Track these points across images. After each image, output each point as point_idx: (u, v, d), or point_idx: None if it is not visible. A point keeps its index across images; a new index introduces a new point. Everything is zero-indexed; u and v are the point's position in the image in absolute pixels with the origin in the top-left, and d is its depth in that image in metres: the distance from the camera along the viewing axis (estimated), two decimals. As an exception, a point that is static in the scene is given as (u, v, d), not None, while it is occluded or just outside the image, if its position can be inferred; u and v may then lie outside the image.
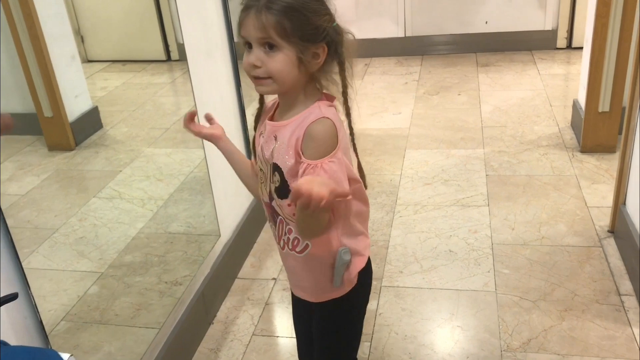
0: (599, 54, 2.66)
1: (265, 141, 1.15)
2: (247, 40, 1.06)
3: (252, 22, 1.04)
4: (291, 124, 1.10)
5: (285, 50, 1.04)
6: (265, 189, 1.17)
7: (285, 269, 1.30)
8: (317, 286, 1.24)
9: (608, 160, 2.78)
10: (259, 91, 1.12)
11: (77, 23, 2.16)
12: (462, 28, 4.42)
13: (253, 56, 1.06)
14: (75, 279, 1.87)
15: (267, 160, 1.14)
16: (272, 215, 1.19)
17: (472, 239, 2.32)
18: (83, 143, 2.06)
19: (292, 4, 1.03)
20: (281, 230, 1.19)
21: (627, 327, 1.84)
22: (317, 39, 1.06)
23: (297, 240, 1.17)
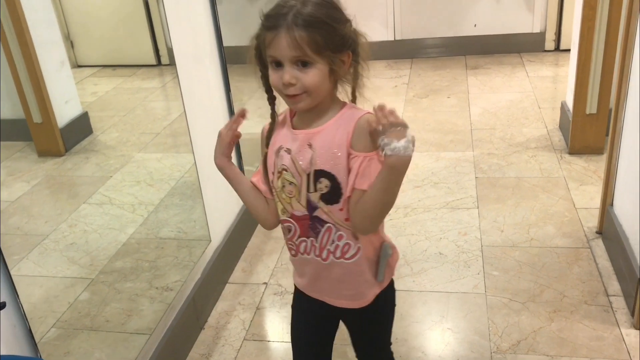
0: (585, 57, 2.69)
1: (296, 152, 1.13)
2: (278, 59, 1.06)
3: (285, 42, 1.03)
4: (329, 128, 1.11)
5: (318, 64, 1.05)
6: (299, 202, 1.15)
7: (324, 282, 1.24)
8: (363, 287, 1.23)
9: (596, 161, 2.81)
10: (295, 108, 1.13)
11: (66, 28, 2.16)
12: (452, 31, 4.45)
13: (287, 75, 1.05)
14: (66, 286, 1.87)
15: (303, 171, 1.12)
16: (312, 228, 1.17)
17: (462, 241, 2.34)
18: (73, 149, 2.06)
19: (319, 17, 1.04)
20: (327, 239, 1.17)
21: (615, 328, 1.85)
22: (344, 47, 1.08)
23: (348, 246, 1.17)
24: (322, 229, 1.16)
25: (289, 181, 1.15)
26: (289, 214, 1.18)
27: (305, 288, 1.30)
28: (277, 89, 1.10)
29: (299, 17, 1.03)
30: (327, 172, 1.10)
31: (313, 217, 1.15)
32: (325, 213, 1.14)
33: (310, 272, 1.24)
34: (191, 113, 1.97)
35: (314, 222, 1.16)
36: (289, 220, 1.19)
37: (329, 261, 1.19)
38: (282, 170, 1.15)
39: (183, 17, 1.95)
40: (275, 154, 1.17)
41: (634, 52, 1.98)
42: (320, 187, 1.12)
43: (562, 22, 4.27)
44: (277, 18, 1.04)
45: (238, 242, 2.37)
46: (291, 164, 1.14)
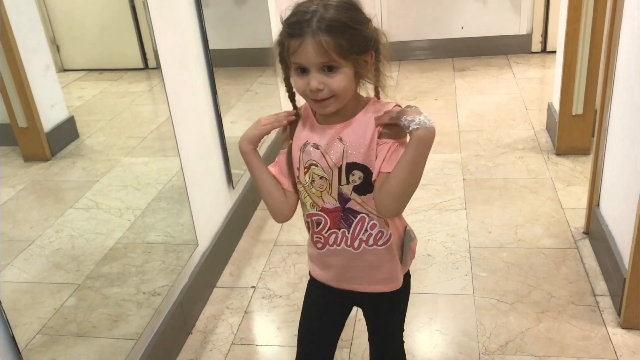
0: (571, 58, 2.70)
1: (326, 147, 1.15)
2: (304, 66, 1.07)
3: (312, 48, 1.04)
4: (358, 121, 1.14)
5: (344, 68, 1.07)
6: (330, 195, 1.17)
7: (355, 271, 1.26)
8: (396, 271, 1.26)
9: (582, 162, 2.82)
10: (322, 112, 1.14)
11: (52, 32, 2.15)
12: (439, 33, 4.47)
13: (315, 80, 1.07)
14: (52, 291, 1.85)
15: (334, 165, 1.15)
16: (344, 219, 1.19)
17: (450, 243, 2.34)
18: (59, 153, 2.05)
19: (343, 20, 1.05)
20: (360, 229, 1.20)
21: (602, 327, 1.86)
22: (368, 48, 1.10)
23: (381, 233, 1.20)
24: (355, 219, 1.19)
25: (319, 176, 1.17)
26: (319, 208, 1.20)
27: (331, 281, 1.31)
28: (304, 94, 1.11)
29: (323, 22, 1.04)
30: (359, 164, 1.13)
31: (346, 208, 1.18)
32: (358, 204, 1.17)
33: (338, 263, 1.26)
34: (177, 117, 1.96)
35: (347, 214, 1.19)
36: (318, 213, 1.21)
37: (360, 249, 1.22)
38: (311, 165, 1.17)
39: (168, 21, 1.94)
40: (300, 150, 1.19)
41: (618, 54, 2.00)
42: (354, 179, 1.15)
43: (549, 23, 4.30)
44: (301, 25, 1.05)
45: (226, 246, 2.36)
46: (321, 158, 1.16)
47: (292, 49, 1.06)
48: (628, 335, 1.82)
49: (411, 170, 1.07)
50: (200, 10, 2.14)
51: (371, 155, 1.12)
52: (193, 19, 2.12)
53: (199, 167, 2.16)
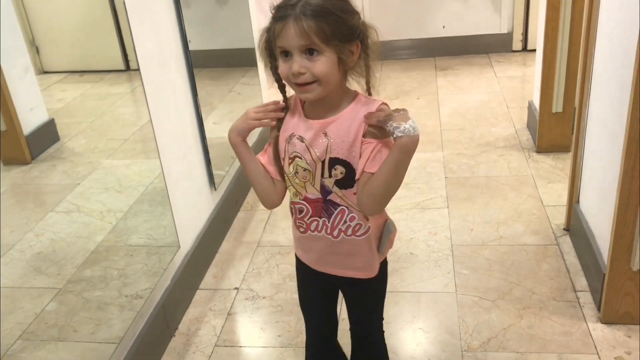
0: (550, 57, 2.73)
1: (311, 141, 1.17)
2: (287, 49, 1.10)
3: (293, 31, 1.07)
4: (344, 117, 1.16)
5: (326, 53, 1.09)
6: (313, 186, 1.21)
7: (333, 256, 1.30)
8: (372, 260, 1.30)
9: (563, 159, 2.85)
10: (305, 98, 1.16)
11: (31, 34, 2.13)
12: (421, 33, 4.49)
13: (296, 64, 1.09)
14: (32, 296, 1.84)
15: (318, 158, 1.17)
16: (325, 210, 1.23)
17: (432, 241, 2.35)
18: (39, 156, 2.03)
19: (327, 7, 1.08)
20: (339, 220, 1.23)
21: (583, 323, 1.88)
22: (352, 37, 1.12)
23: (360, 225, 1.23)
24: (335, 211, 1.22)
25: (302, 167, 1.20)
26: (301, 197, 1.24)
27: (312, 263, 1.35)
28: (287, 79, 1.14)
29: (307, 7, 1.07)
30: (342, 160, 1.16)
31: (327, 200, 1.22)
32: (339, 197, 1.20)
33: (319, 247, 1.30)
34: (157, 119, 1.95)
35: (327, 205, 1.22)
36: (301, 202, 1.25)
37: (339, 238, 1.25)
38: (295, 157, 1.20)
39: (147, 22, 1.93)
40: (286, 141, 1.22)
41: (595, 52, 2.02)
42: (335, 173, 1.18)
43: (529, 22, 4.33)
44: (285, 9, 1.08)
45: (208, 248, 2.35)
46: (305, 152, 1.19)
47: (277, 32, 1.10)
48: (608, 330, 1.84)
49: (393, 174, 1.10)
50: (180, 11, 2.13)
51: (354, 153, 1.15)
52: (172, 20, 2.11)
53: (180, 169, 2.15)
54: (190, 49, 2.21)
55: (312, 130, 1.18)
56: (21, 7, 2.04)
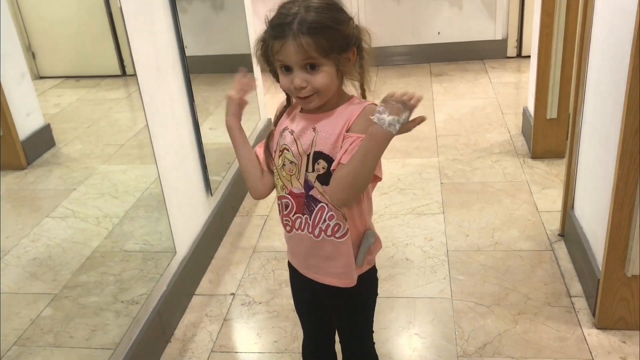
0: (545, 63, 2.75)
1: (299, 134, 1.20)
2: (287, 64, 1.12)
3: (293, 48, 1.09)
4: (335, 114, 1.18)
5: (325, 67, 1.12)
6: (298, 180, 1.22)
7: (315, 259, 1.30)
8: (348, 268, 1.29)
9: (557, 165, 2.86)
10: (307, 107, 1.19)
11: (27, 39, 2.13)
12: (416, 39, 4.51)
13: (297, 79, 1.12)
14: (28, 302, 1.84)
15: (303, 151, 1.19)
16: (307, 206, 1.23)
17: (428, 247, 2.36)
18: (35, 162, 2.03)
19: (323, 22, 1.10)
20: (319, 218, 1.23)
21: (578, 328, 1.89)
22: (349, 46, 1.15)
23: (339, 226, 1.23)
24: (315, 207, 1.23)
25: (289, 160, 1.22)
26: (287, 191, 1.25)
27: (298, 266, 1.36)
28: (288, 91, 1.18)
29: (304, 24, 1.09)
30: (325, 155, 1.17)
31: (308, 195, 1.22)
32: (320, 193, 1.21)
33: (302, 249, 1.30)
34: (154, 124, 1.96)
35: (309, 201, 1.23)
36: (286, 196, 1.26)
37: (320, 238, 1.25)
38: (284, 149, 1.23)
39: (144, 28, 1.94)
40: (279, 134, 1.25)
41: (589, 58, 2.03)
42: (318, 167, 1.19)
43: (524, 29, 4.36)
44: (282, 27, 1.10)
45: (204, 253, 2.35)
46: (292, 144, 1.21)
47: (276, 49, 1.12)
48: (603, 336, 1.85)
49: (360, 161, 1.09)
50: (176, 16, 2.13)
51: (337, 147, 1.16)
52: (169, 25, 2.11)
53: (177, 175, 2.16)
54: (186, 54, 2.22)
55: (303, 123, 1.21)
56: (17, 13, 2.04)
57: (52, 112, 2.25)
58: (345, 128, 1.16)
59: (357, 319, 1.40)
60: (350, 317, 1.40)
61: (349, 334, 1.42)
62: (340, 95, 1.20)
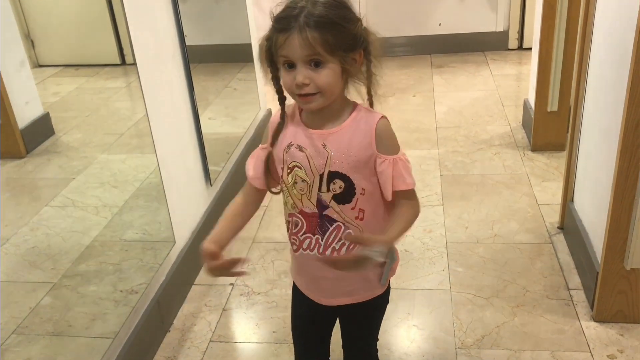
0: (546, 55, 2.74)
1: (311, 151, 1.15)
2: (291, 60, 1.07)
3: (298, 42, 1.05)
4: (344, 130, 1.14)
5: (330, 64, 1.07)
6: (310, 199, 1.17)
7: (322, 282, 1.27)
8: (366, 285, 1.27)
9: (557, 158, 2.86)
10: (307, 108, 1.14)
11: (26, 27, 2.12)
12: (417, 30, 4.49)
13: (300, 75, 1.07)
14: (27, 291, 1.84)
15: (317, 170, 1.15)
16: (320, 226, 1.19)
17: (427, 239, 2.36)
18: (34, 150, 2.03)
19: (331, 18, 1.06)
20: (334, 237, 1.19)
21: (576, 321, 1.89)
22: (356, 46, 1.10)
23: (354, 244, 1.18)
24: (330, 227, 1.19)
25: (301, 178, 1.17)
26: (298, 209, 1.20)
27: (302, 287, 1.33)
28: (290, 90, 1.11)
29: (310, 18, 1.04)
30: (342, 174, 1.14)
31: (322, 215, 1.18)
32: (336, 212, 1.17)
33: (309, 270, 1.27)
34: (153, 113, 1.95)
35: (323, 221, 1.18)
36: (297, 215, 1.21)
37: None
38: (294, 166, 1.17)
39: (144, 16, 1.93)
40: (284, 150, 1.18)
41: (591, 51, 2.02)
42: (334, 187, 1.15)
43: (525, 20, 4.34)
44: (288, 20, 1.06)
45: (204, 243, 2.35)
46: (305, 161, 1.15)
47: (280, 43, 1.07)
48: (601, 329, 1.85)
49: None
50: (177, 5, 2.12)
51: (357, 167, 1.13)
52: (169, 14, 2.10)
53: (176, 164, 2.15)
54: (186, 44, 2.21)
55: (312, 140, 1.15)
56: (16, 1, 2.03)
57: (51, 100, 2.24)
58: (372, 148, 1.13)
59: (368, 328, 1.38)
60: (362, 329, 1.37)
61: (358, 343, 1.40)
62: (343, 100, 1.16)
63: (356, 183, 1.15)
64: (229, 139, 2.86)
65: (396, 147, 1.16)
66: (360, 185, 1.15)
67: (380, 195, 1.19)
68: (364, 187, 1.16)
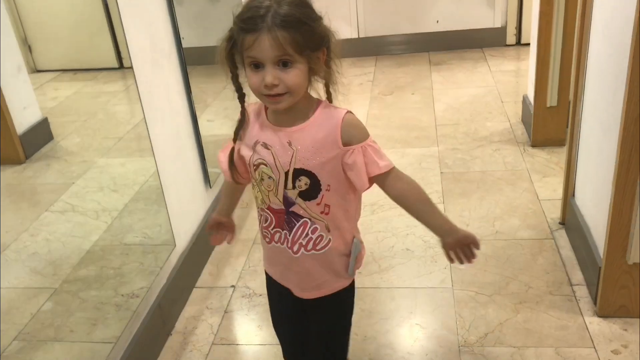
0: (544, 51, 2.73)
1: (277, 149, 1.16)
2: (259, 61, 1.07)
3: (268, 42, 1.04)
4: (309, 127, 1.15)
5: (298, 64, 1.08)
6: (277, 196, 1.19)
7: (292, 274, 1.30)
8: (332, 278, 1.29)
9: (558, 153, 2.85)
10: (275, 108, 1.14)
11: (23, 32, 2.11)
12: (414, 28, 4.48)
13: (270, 76, 1.07)
14: (28, 297, 1.83)
15: (282, 168, 1.16)
16: (287, 222, 1.21)
17: (429, 237, 2.35)
18: (33, 156, 2.03)
19: (297, 16, 1.06)
20: (301, 233, 1.22)
21: (579, 317, 1.88)
22: (321, 45, 1.11)
23: (321, 237, 1.22)
24: (297, 223, 1.21)
25: (267, 175, 1.19)
26: (266, 205, 1.23)
27: (275, 276, 1.35)
28: (258, 90, 1.11)
29: (277, 17, 1.04)
30: (307, 171, 1.15)
31: (289, 212, 1.20)
32: (302, 209, 1.19)
33: (281, 261, 1.29)
34: (151, 117, 1.94)
35: (290, 217, 1.21)
36: (266, 210, 1.24)
37: (299, 254, 1.24)
38: (260, 164, 1.19)
39: (139, 19, 1.92)
40: (251, 148, 1.20)
41: (589, 45, 2.02)
42: (300, 184, 1.17)
43: (523, 16, 4.33)
44: (255, 20, 1.05)
45: (204, 246, 2.34)
46: (271, 159, 1.17)
47: (247, 44, 1.06)
48: (604, 324, 1.85)
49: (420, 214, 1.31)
50: (172, 7, 2.12)
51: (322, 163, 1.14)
52: (165, 16, 2.10)
53: (175, 167, 2.15)
54: (183, 46, 2.20)
55: (277, 138, 1.16)
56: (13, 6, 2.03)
57: (49, 105, 2.24)
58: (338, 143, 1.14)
59: (333, 326, 1.37)
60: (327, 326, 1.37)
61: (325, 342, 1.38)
62: (307, 98, 1.16)
63: (322, 179, 1.16)
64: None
65: (364, 136, 1.16)
66: (326, 182, 1.17)
67: (346, 189, 1.21)
68: (329, 183, 1.17)
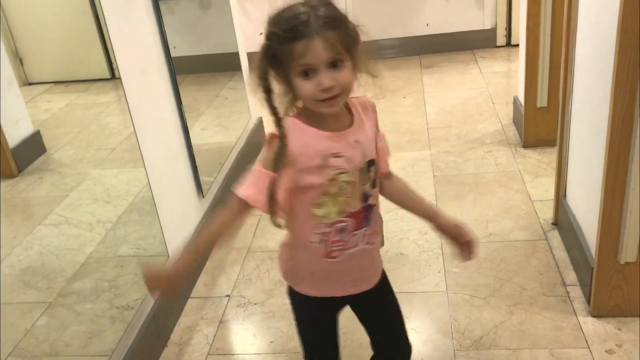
0: (533, 51, 2.74)
1: (349, 153, 1.14)
2: (313, 66, 1.05)
3: (320, 45, 1.04)
4: (359, 120, 1.18)
5: (346, 62, 1.08)
6: (359, 194, 1.19)
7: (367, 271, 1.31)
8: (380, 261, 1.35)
9: (549, 153, 2.86)
10: (330, 111, 1.11)
11: (14, 45, 2.12)
12: (405, 31, 4.50)
13: (327, 78, 1.05)
14: (23, 311, 1.83)
15: (357, 167, 1.16)
16: (365, 217, 1.20)
17: (422, 241, 2.36)
18: (26, 169, 2.03)
19: (336, 15, 1.08)
20: (375, 220, 1.24)
21: (573, 317, 1.89)
22: (358, 40, 1.12)
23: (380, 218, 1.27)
24: (372, 214, 1.22)
25: (347, 182, 1.15)
26: (344, 214, 1.18)
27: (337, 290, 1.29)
28: (313, 97, 1.08)
29: (321, 20, 1.04)
30: (372, 160, 1.20)
31: (366, 206, 1.20)
32: (374, 197, 1.22)
33: (351, 267, 1.24)
34: (141, 127, 1.95)
35: (367, 212, 1.21)
36: (343, 220, 1.18)
37: (374, 244, 1.26)
38: (340, 173, 1.14)
39: (127, 30, 1.93)
40: (316, 169, 1.13)
41: (576, 46, 2.03)
42: (371, 175, 1.20)
43: (512, 17, 4.35)
44: (299, 27, 1.04)
45: (199, 255, 2.34)
46: (348, 164, 1.15)
47: (298, 52, 1.04)
48: (598, 324, 1.85)
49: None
50: (160, 17, 2.12)
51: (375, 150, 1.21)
52: (153, 27, 2.10)
53: (167, 178, 2.15)
54: (175, 55, 2.21)
55: (345, 142, 1.14)
56: (3, 18, 2.03)
57: (42, 118, 2.24)
58: (373, 128, 1.21)
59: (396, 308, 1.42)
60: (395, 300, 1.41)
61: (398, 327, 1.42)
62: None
63: (377, 163, 1.21)
64: (222, 149, 2.86)
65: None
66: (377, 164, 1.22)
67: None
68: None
